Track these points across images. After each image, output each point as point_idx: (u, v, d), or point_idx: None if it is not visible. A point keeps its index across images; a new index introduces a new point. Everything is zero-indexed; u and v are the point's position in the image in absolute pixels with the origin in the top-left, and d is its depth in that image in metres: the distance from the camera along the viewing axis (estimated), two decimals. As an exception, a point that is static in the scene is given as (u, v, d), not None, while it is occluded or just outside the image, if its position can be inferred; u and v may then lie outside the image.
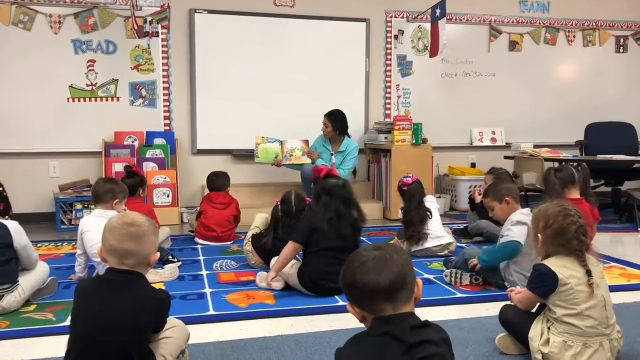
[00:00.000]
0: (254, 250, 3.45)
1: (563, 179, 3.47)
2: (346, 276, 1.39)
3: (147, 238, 1.69)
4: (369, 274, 1.34)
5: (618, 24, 6.48)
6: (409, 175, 3.89)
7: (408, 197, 3.77)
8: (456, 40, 5.87)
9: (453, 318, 2.52)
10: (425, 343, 1.32)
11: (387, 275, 1.33)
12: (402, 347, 1.30)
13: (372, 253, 1.38)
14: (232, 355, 2.13)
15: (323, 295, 2.83)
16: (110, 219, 1.73)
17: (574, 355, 1.94)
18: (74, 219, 4.79)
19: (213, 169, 4.54)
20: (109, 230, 1.69)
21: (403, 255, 1.40)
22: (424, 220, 3.69)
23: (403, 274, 1.35)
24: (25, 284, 2.64)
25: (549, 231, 2.04)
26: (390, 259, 1.36)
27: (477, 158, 6.13)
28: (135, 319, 1.62)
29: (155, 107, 5.32)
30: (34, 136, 5.04)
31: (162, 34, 5.29)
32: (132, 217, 1.72)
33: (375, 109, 5.89)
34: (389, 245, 1.45)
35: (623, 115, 6.03)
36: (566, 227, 2.01)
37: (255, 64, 5.46)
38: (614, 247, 4.15)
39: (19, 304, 2.62)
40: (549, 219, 2.04)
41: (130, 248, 1.66)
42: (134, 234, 1.67)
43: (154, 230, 1.74)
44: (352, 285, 1.37)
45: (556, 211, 2.05)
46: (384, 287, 1.33)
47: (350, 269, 1.38)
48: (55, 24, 5.03)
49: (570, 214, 2.02)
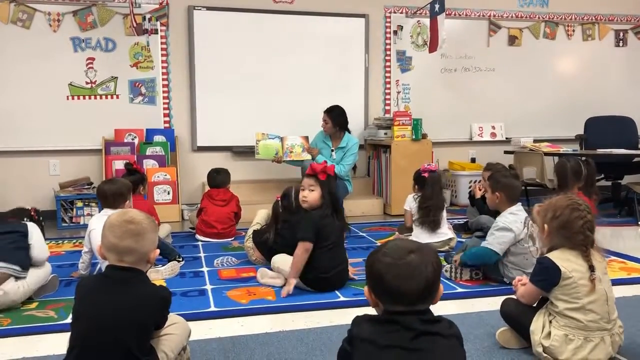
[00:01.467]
0: (255, 246, 3.46)
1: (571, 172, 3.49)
2: (374, 267, 1.36)
3: (146, 235, 1.69)
4: (399, 279, 1.32)
5: (617, 18, 6.47)
6: (430, 164, 3.94)
7: (430, 184, 3.77)
8: (455, 35, 5.87)
9: (453, 313, 2.53)
10: (435, 336, 1.33)
11: (417, 284, 1.32)
12: (412, 334, 1.31)
13: (409, 257, 1.34)
14: (233, 351, 2.13)
15: (324, 291, 2.85)
16: (110, 217, 1.73)
17: (575, 349, 1.94)
18: (74, 217, 4.80)
19: (213, 165, 4.54)
20: (108, 227, 1.69)
21: (436, 264, 1.36)
22: (442, 208, 3.76)
23: (431, 285, 1.34)
24: (30, 279, 2.66)
25: (555, 223, 2.03)
26: (425, 269, 1.33)
27: (477, 153, 6.13)
28: (136, 315, 1.62)
29: (155, 104, 5.32)
30: (34, 134, 5.04)
31: (161, 31, 5.28)
32: (131, 215, 1.72)
33: (375, 104, 5.89)
34: (428, 250, 1.39)
35: (623, 110, 6.03)
36: (573, 221, 2.00)
37: (254, 60, 5.46)
38: (614, 241, 4.14)
39: (20, 296, 2.62)
40: (556, 211, 2.04)
41: (130, 245, 1.66)
42: (134, 231, 1.67)
43: (153, 228, 1.74)
44: (378, 280, 1.35)
45: (565, 204, 2.04)
46: (409, 295, 1.33)
47: (381, 263, 1.36)
48: (54, 21, 5.03)
49: (579, 208, 2.02)
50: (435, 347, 1.33)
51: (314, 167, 2.94)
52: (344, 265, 2.96)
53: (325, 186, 2.91)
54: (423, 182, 3.82)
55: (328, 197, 2.91)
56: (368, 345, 1.33)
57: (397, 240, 1.44)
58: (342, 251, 2.99)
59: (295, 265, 2.82)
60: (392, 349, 1.31)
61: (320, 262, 2.84)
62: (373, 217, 5.21)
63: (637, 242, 4.29)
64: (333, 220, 2.91)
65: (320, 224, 2.84)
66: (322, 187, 2.91)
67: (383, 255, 1.37)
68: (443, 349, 1.34)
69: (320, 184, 2.90)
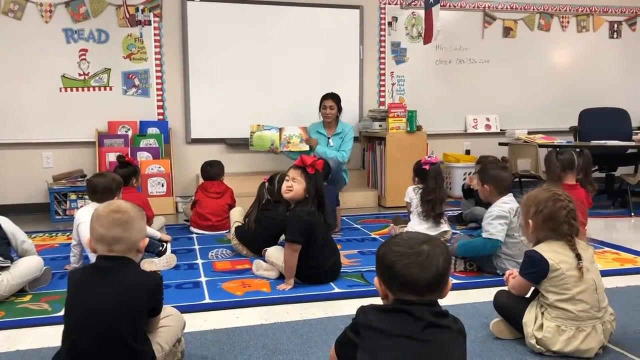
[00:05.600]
0: (240, 243, 3.48)
1: (563, 163, 3.49)
2: (386, 256, 1.37)
3: (134, 224, 1.70)
4: (410, 269, 1.33)
5: (612, 10, 6.47)
6: (432, 156, 3.93)
7: (433, 176, 3.73)
8: (450, 26, 5.85)
9: (448, 304, 2.52)
10: (444, 329, 1.34)
11: (427, 275, 1.33)
12: (422, 324, 1.32)
13: (421, 247, 1.35)
14: (228, 343, 2.13)
15: (319, 284, 2.84)
16: (97, 209, 1.73)
17: (568, 340, 1.96)
18: (68, 210, 4.78)
19: (207, 158, 4.53)
20: (95, 219, 1.69)
21: (447, 256, 1.38)
22: (444, 199, 3.75)
23: (441, 277, 1.35)
24: (14, 271, 2.65)
25: (539, 216, 2.05)
26: (436, 260, 1.34)
27: (471, 145, 6.14)
28: (126, 302, 1.62)
29: (149, 96, 5.29)
30: (27, 127, 5.01)
31: (155, 23, 5.25)
32: (117, 204, 1.73)
33: (370, 96, 5.88)
34: (438, 242, 1.42)
35: (617, 101, 6.05)
36: (557, 212, 2.02)
37: (248, 51, 5.43)
38: (607, 232, 4.17)
39: (4, 289, 2.59)
40: (539, 205, 2.05)
41: (118, 234, 1.66)
42: (121, 220, 1.67)
43: (140, 216, 1.74)
44: (389, 268, 1.36)
45: (546, 196, 2.06)
46: (420, 285, 1.33)
47: (393, 252, 1.37)
48: (46, 12, 4.98)
49: (560, 198, 2.04)
50: (444, 340, 1.33)
51: (304, 159, 2.85)
52: (335, 258, 2.93)
53: (312, 180, 2.80)
54: (424, 175, 3.78)
55: (313, 192, 2.81)
56: (376, 334, 1.33)
57: (408, 232, 1.44)
58: (331, 244, 2.95)
59: (288, 267, 2.80)
60: (402, 338, 1.31)
61: (312, 259, 2.82)
62: (368, 209, 5.21)
63: (630, 233, 4.31)
64: (320, 217, 2.83)
65: (310, 224, 2.77)
66: (308, 181, 2.79)
67: (395, 245, 1.38)
68: (451, 343, 1.35)
69: (307, 178, 2.79)
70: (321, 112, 5.03)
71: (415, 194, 3.78)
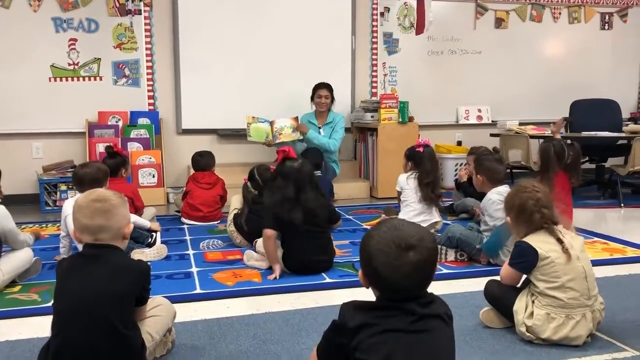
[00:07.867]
0: (237, 230, 3.47)
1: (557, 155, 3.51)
2: (372, 259, 1.31)
3: (116, 211, 1.69)
4: (396, 274, 1.30)
5: (603, 1, 6.48)
6: (424, 140, 3.90)
7: (428, 158, 3.68)
8: (442, 17, 5.83)
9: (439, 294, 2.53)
10: (435, 318, 1.35)
11: (414, 281, 1.32)
12: (412, 318, 1.32)
13: (407, 257, 1.29)
14: (219, 333, 2.13)
15: (309, 274, 2.84)
16: (77, 199, 1.73)
17: (557, 327, 1.98)
18: (58, 200, 4.74)
19: (198, 148, 4.51)
20: (77, 209, 1.69)
21: (434, 255, 1.35)
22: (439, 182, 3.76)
23: (427, 280, 1.35)
24: (5, 266, 2.63)
25: (513, 212, 2.12)
26: (425, 267, 1.32)
27: (463, 136, 6.15)
28: (113, 288, 1.63)
29: (139, 86, 5.25)
30: (16, 117, 4.95)
31: (145, 12, 5.19)
32: (97, 193, 1.73)
33: (362, 87, 5.86)
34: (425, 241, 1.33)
35: (608, 93, 6.06)
36: (524, 203, 2.08)
37: (239, 41, 5.39)
38: (597, 223, 4.20)
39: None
40: (509, 201, 2.15)
41: (102, 223, 1.66)
42: (103, 209, 1.67)
43: (121, 202, 1.74)
44: (374, 270, 1.32)
45: (513, 191, 2.16)
46: (405, 289, 1.33)
47: (377, 260, 1.31)
48: (35, 1, 4.92)
49: (526, 190, 2.10)
50: (435, 327, 1.34)
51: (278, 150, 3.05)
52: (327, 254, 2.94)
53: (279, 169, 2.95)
54: (419, 158, 3.69)
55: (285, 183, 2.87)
56: (366, 330, 1.31)
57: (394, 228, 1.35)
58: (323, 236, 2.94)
59: (267, 253, 2.86)
60: (393, 332, 1.30)
61: (295, 248, 2.83)
62: (359, 199, 5.22)
63: (619, 223, 4.35)
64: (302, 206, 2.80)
65: (279, 211, 2.79)
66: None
67: (379, 251, 1.31)
68: (441, 330, 1.36)
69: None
70: (315, 101, 5.02)
71: (409, 181, 3.68)
